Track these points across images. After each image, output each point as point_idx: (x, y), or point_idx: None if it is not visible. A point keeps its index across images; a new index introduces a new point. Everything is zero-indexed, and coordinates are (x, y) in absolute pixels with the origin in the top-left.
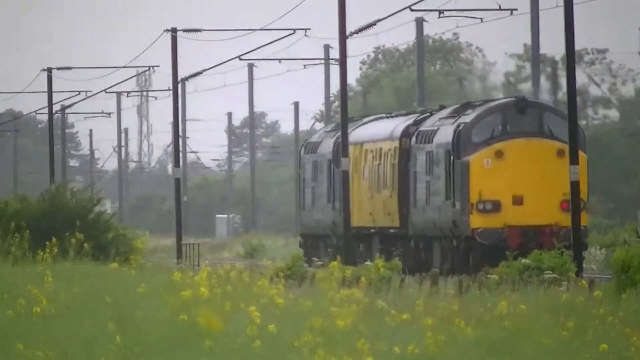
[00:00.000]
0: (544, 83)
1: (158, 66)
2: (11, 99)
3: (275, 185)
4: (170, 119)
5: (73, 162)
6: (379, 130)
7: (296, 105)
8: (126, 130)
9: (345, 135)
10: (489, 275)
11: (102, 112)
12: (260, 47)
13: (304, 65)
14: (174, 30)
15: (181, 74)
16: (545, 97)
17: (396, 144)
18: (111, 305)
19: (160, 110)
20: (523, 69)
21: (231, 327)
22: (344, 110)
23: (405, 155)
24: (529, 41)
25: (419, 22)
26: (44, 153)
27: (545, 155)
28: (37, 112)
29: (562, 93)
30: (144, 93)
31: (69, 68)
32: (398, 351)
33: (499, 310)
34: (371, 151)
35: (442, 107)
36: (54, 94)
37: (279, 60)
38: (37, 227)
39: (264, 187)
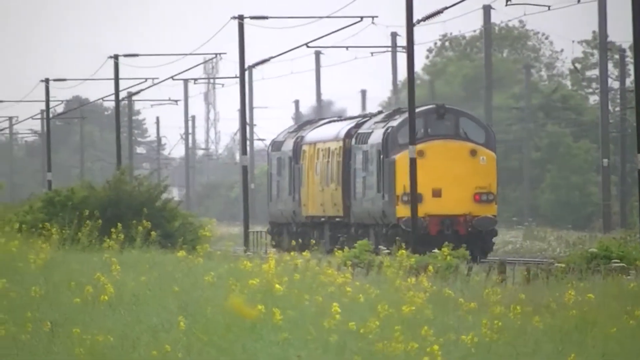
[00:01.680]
0: (612, 70)
1: (225, 53)
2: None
3: None
4: (238, 106)
5: (140, 150)
6: (328, 132)
7: (363, 92)
8: (193, 117)
9: (412, 119)
10: (556, 264)
11: (169, 99)
12: (327, 34)
13: (371, 53)
14: (241, 18)
15: (248, 61)
16: (613, 85)
17: (340, 144)
18: (178, 294)
19: (228, 98)
20: (591, 56)
21: (300, 316)
22: (411, 98)
23: (347, 154)
24: (597, 28)
25: (486, 10)
26: (111, 140)
27: (460, 154)
28: (103, 99)
29: (630, 81)
30: (211, 80)
31: (136, 55)
32: (466, 340)
33: (566, 299)
34: (322, 150)
35: (379, 113)
36: (120, 81)
37: (346, 47)
38: (103, 214)
39: None
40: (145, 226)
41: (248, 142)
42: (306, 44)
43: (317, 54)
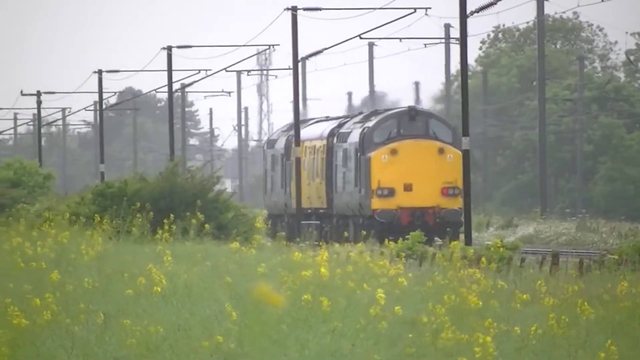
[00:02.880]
0: None
1: (278, 45)
2: (131, 78)
3: None
4: (291, 97)
5: (193, 141)
6: (315, 131)
7: (416, 84)
8: (246, 109)
9: (465, 112)
10: (609, 256)
11: (222, 91)
12: (380, 25)
13: (424, 45)
14: (294, 9)
15: (301, 53)
16: None
17: (324, 142)
18: (230, 285)
19: (281, 89)
20: None
21: (353, 308)
22: (464, 89)
23: (330, 151)
24: None
25: (540, 1)
26: (164, 132)
27: (429, 152)
28: (156, 90)
29: None
30: (264, 72)
31: (189, 47)
32: (519, 331)
33: (619, 291)
34: (309, 148)
35: (360, 114)
36: (174, 72)
37: (400, 39)
38: (156, 206)
39: None
40: (198, 218)
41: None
42: (359, 36)
43: (370, 46)
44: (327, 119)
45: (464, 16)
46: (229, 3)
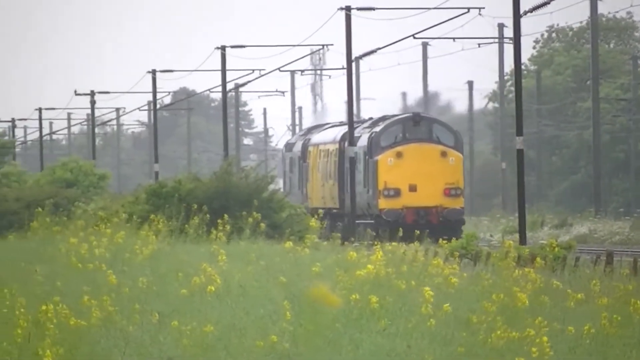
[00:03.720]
0: None
1: (332, 44)
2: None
3: None
4: (344, 97)
5: (247, 141)
6: (328, 135)
7: (470, 84)
8: (300, 108)
9: (519, 107)
10: None
11: (276, 91)
12: (434, 25)
13: (478, 44)
14: (348, 9)
15: (355, 53)
16: None
17: (337, 146)
18: (285, 285)
19: (335, 89)
20: None
21: (408, 307)
22: (518, 89)
23: (341, 154)
24: None
25: (593, 1)
26: (218, 132)
27: (432, 155)
28: (210, 90)
29: None
30: (318, 71)
31: (243, 46)
32: (573, 330)
33: None
34: (323, 151)
35: (369, 119)
36: (227, 72)
37: (453, 39)
38: (210, 205)
39: None
40: (255, 218)
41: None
42: (413, 35)
43: (424, 45)
44: (341, 123)
45: (517, 16)
46: (282, 3)
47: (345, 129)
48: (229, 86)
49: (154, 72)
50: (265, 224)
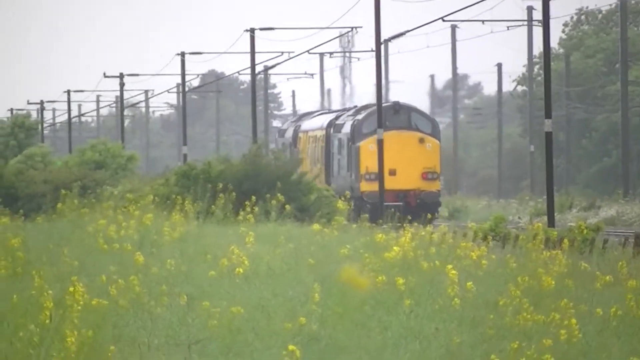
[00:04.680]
0: None
1: (361, 27)
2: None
3: (477, 147)
4: (373, 80)
5: (276, 123)
6: (316, 123)
7: (499, 66)
8: (329, 91)
9: (548, 92)
10: None
11: (305, 73)
12: (463, 8)
13: (507, 27)
14: None
15: (384, 35)
16: None
17: (324, 132)
18: (313, 267)
19: (364, 72)
20: None
21: (436, 289)
22: (547, 72)
23: (328, 140)
24: None
25: None
26: (246, 114)
27: (411, 141)
28: (239, 72)
29: None
30: (347, 54)
31: (272, 29)
32: (601, 313)
33: None
34: (311, 137)
35: (354, 107)
36: (256, 54)
37: (482, 21)
38: (239, 188)
39: (465, 149)
40: (280, 200)
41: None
42: (442, 18)
43: (453, 28)
44: (329, 111)
45: None
46: None
47: (331, 116)
48: (258, 68)
49: (182, 54)
50: (293, 206)
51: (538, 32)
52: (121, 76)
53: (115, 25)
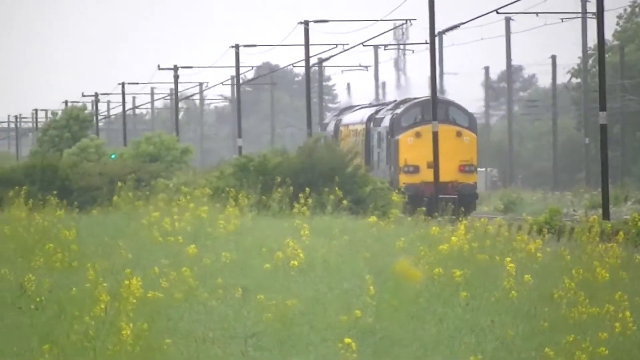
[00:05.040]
0: None
1: (415, 19)
2: (268, 52)
3: (532, 139)
4: (428, 72)
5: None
6: (357, 117)
7: (553, 58)
8: (384, 83)
9: (602, 84)
10: None
11: (360, 65)
12: (517, 0)
13: (561, 19)
14: None
15: (438, 27)
16: None
17: (364, 126)
18: (368, 259)
19: (418, 64)
20: None
21: (489, 281)
22: (601, 64)
23: (368, 134)
24: None
25: None
26: (301, 106)
27: (448, 135)
28: (294, 65)
29: None
30: (401, 46)
31: (326, 21)
32: None
33: None
34: (352, 130)
35: (394, 102)
36: (311, 47)
37: (536, 13)
38: (295, 180)
39: (520, 141)
40: (337, 194)
41: None
42: (496, 10)
43: (507, 20)
44: (370, 105)
45: None
46: None
47: (371, 110)
48: (312, 61)
49: (237, 46)
50: (348, 199)
51: (592, 24)
52: (175, 68)
53: (170, 18)
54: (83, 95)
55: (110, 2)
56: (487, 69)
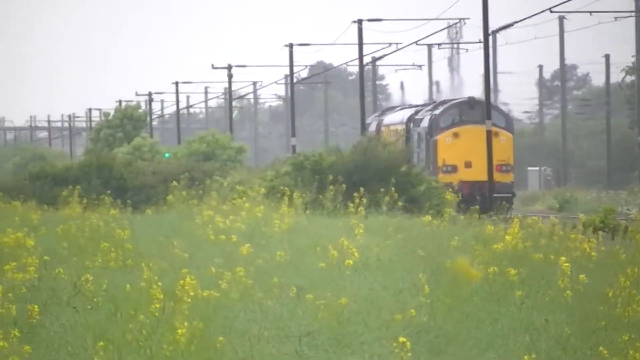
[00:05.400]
0: None
1: (469, 18)
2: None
3: (586, 138)
4: (481, 71)
5: None
6: (397, 117)
7: (607, 57)
8: (437, 82)
9: None
10: None
11: (413, 64)
12: None
13: (615, 18)
14: None
15: (492, 26)
16: None
17: (404, 126)
18: (423, 258)
19: (471, 63)
20: None
21: (544, 280)
22: None
23: (408, 134)
24: None
25: None
26: (354, 105)
27: (485, 135)
28: (347, 64)
29: None
30: (455, 45)
31: (380, 20)
32: None
33: None
34: (392, 130)
35: (432, 103)
36: (364, 45)
37: (590, 12)
38: (349, 179)
39: (574, 140)
40: (392, 194)
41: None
42: (550, 9)
43: (561, 19)
44: (410, 106)
45: None
46: None
47: (411, 111)
48: (366, 60)
49: (291, 45)
50: (402, 198)
51: None
52: (229, 67)
53: (224, 17)
54: (137, 95)
55: (164, 2)
56: (540, 67)
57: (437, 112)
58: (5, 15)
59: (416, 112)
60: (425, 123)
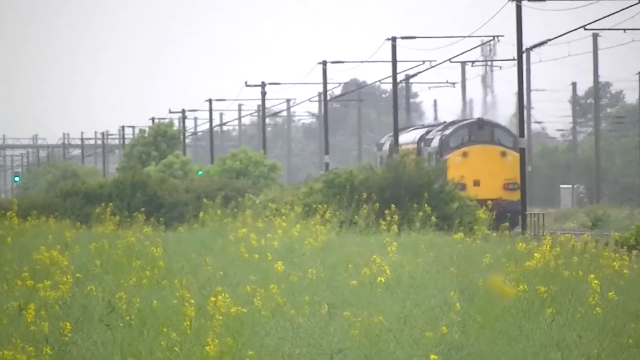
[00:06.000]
0: None
1: (502, 36)
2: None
3: (619, 155)
4: (515, 89)
5: None
6: (409, 137)
7: None
8: (471, 100)
9: None
10: None
11: (447, 82)
12: (605, 16)
13: None
14: (518, 0)
15: (525, 44)
16: None
17: (415, 145)
18: (455, 276)
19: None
20: None
21: (575, 297)
22: None
23: (419, 153)
24: None
25: None
26: (388, 122)
27: (493, 155)
28: (381, 81)
29: None
30: (489, 63)
31: (413, 37)
32: None
33: None
34: (405, 150)
35: (443, 123)
36: (398, 63)
37: (624, 30)
38: (382, 196)
39: (608, 157)
40: (426, 210)
41: (525, 125)
42: (584, 27)
43: (595, 36)
44: (422, 126)
45: None
46: None
47: (423, 131)
48: (400, 77)
49: (324, 63)
50: (435, 215)
51: None
52: (263, 85)
53: (257, 35)
54: (170, 112)
55: (198, 19)
56: (574, 85)
57: (447, 132)
58: (47, 37)
59: (427, 132)
60: (435, 143)
